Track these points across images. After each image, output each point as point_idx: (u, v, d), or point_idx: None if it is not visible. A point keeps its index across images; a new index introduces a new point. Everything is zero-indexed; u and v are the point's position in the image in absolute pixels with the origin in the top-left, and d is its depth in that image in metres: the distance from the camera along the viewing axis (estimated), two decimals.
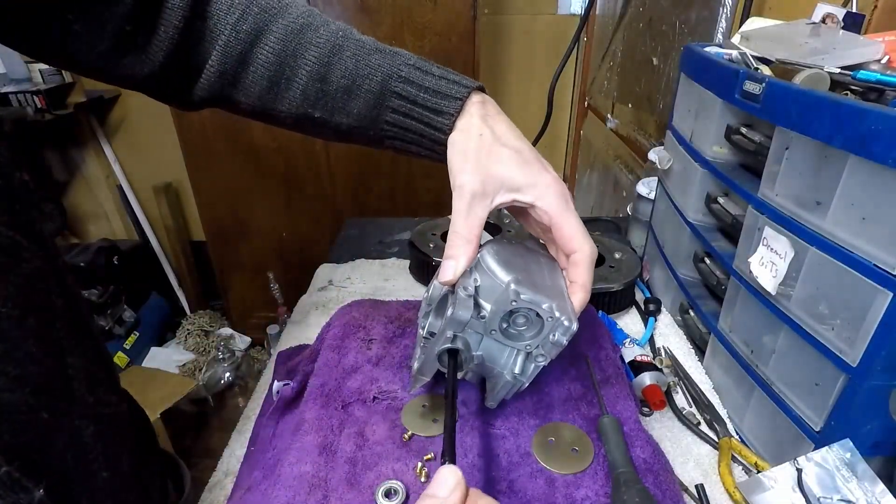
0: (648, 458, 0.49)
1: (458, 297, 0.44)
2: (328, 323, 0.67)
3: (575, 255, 0.47)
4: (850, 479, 0.46)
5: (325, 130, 0.51)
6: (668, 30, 1.32)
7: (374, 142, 0.51)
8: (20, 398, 0.27)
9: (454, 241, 0.44)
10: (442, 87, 0.47)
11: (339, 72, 0.47)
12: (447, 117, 0.47)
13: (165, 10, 0.43)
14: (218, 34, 0.46)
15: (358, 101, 0.48)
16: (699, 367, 0.69)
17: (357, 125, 0.49)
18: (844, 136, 0.42)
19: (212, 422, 2.07)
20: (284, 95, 0.48)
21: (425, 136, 0.48)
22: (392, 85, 0.47)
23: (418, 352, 0.51)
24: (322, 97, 0.48)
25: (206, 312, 2.52)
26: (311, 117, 0.49)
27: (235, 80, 0.48)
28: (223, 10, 0.46)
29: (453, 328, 0.45)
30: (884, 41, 0.55)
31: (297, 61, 0.47)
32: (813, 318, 0.47)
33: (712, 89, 0.63)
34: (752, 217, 0.55)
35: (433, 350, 0.46)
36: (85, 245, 2.21)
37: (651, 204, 0.88)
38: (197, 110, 0.52)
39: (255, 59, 0.47)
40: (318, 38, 0.47)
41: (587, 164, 2.12)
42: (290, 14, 0.48)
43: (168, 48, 0.44)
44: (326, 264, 0.97)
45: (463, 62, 1.77)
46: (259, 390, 0.67)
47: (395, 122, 0.48)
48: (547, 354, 0.46)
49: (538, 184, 0.45)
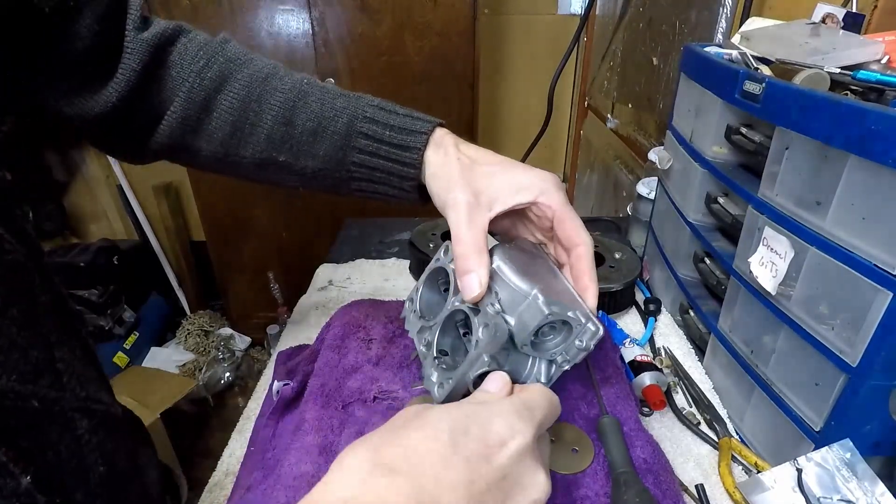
0: (648, 458, 0.49)
1: (488, 314, 0.42)
2: (328, 323, 0.67)
3: (579, 248, 0.46)
4: (850, 479, 0.46)
5: (289, 175, 0.50)
6: (668, 30, 1.32)
7: (340, 184, 0.51)
8: (6, 384, 0.27)
9: (465, 252, 0.43)
10: (406, 124, 0.48)
11: (304, 115, 0.48)
12: (414, 152, 0.47)
13: (125, 53, 0.44)
14: (182, 81, 0.46)
15: (324, 143, 0.48)
16: (699, 367, 0.69)
17: (323, 167, 0.49)
18: (844, 136, 0.42)
19: (212, 422, 2.07)
20: (248, 140, 0.48)
21: (393, 174, 0.48)
22: (358, 125, 0.48)
23: (434, 373, 0.46)
24: (288, 140, 0.48)
25: (206, 312, 2.51)
26: (275, 161, 0.49)
27: (198, 126, 0.48)
28: (188, 58, 0.47)
29: (491, 350, 0.42)
30: (884, 41, 0.55)
31: (262, 106, 0.47)
32: (813, 318, 0.47)
33: (712, 89, 0.63)
34: (752, 217, 0.55)
35: (467, 375, 0.43)
36: (85, 245, 2.21)
37: (651, 204, 0.88)
38: (150, 161, 0.52)
39: (219, 105, 0.47)
40: (282, 84, 0.48)
41: (587, 164, 2.12)
42: (256, 65, 0.49)
43: (123, 91, 0.44)
44: (326, 264, 0.97)
45: (463, 62, 1.77)
46: (259, 390, 0.67)
47: (362, 161, 0.48)
48: (572, 360, 0.45)
49: (534, 182, 0.46)
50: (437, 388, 0.45)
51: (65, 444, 0.32)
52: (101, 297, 2.09)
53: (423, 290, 0.50)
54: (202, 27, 0.49)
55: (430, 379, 0.46)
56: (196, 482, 0.55)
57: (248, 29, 1.72)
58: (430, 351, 0.47)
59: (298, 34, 1.74)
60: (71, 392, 0.34)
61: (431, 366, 0.47)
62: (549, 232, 0.49)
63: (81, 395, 0.35)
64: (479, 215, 0.44)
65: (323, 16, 1.70)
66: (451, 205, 0.44)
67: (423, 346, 0.48)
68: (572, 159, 2.33)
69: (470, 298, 0.43)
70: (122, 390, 1.84)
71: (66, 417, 0.33)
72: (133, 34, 0.44)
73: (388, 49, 1.75)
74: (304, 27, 1.72)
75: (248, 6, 1.69)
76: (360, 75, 1.79)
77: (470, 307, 0.44)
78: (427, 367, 0.47)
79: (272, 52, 1.76)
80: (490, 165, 0.46)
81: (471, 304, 0.44)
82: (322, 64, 1.77)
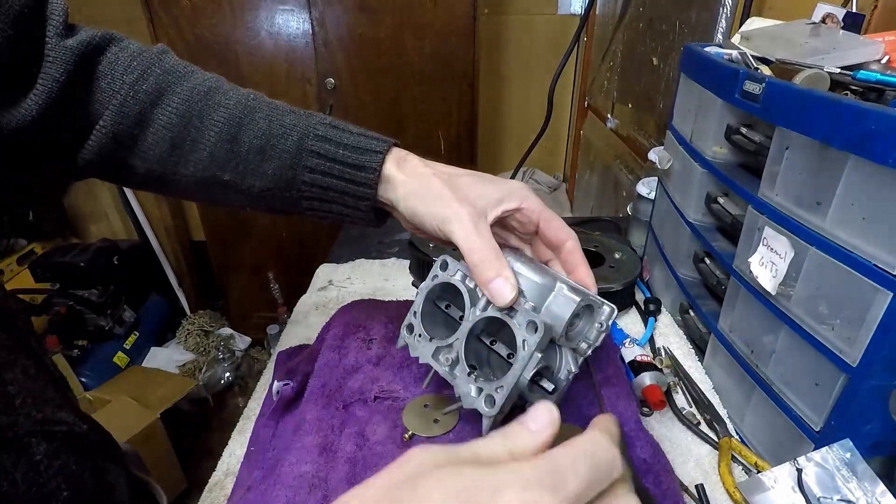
0: (648, 458, 0.49)
1: (528, 312, 0.42)
2: (328, 323, 0.67)
3: (568, 243, 0.47)
4: (850, 479, 0.46)
5: (234, 195, 0.48)
6: (668, 30, 1.32)
7: (290, 204, 0.48)
8: None
9: (484, 258, 0.42)
10: (361, 143, 0.46)
11: (251, 132, 0.45)
12: (370, 171, 0.45)
13: (46, 61, 0.40)
14: (112, 94, 0.43)
15: (272, 162, 0.46)
16: (699, 367, 0.69)
17: (272, 187, 0.47)
18: (844, 136, 0.42)
19: (212, 422, 2.07)
20: (189, 158, 0.45)
21: (347, 193, 0.46)
22: (308, 144, 0.45)
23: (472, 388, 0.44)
24: (233, 158, 0.45)
25: (206, 312, 2.52)
26: (219, 180, 0.46)
27: (132, 142, 0.45)
28: (119, 69, 0.43)
29: (542, 346, 0.42)
30: (884, 41, 0.55)
31: (205, 122, 0.45)
32: (813, 318, 0.47)
33: (712, 89, 0.63)
34: (752, 217, 0.55)
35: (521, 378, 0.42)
36: (85, 245, 2.20)
37: (651, 204, 0.88)
38: (80, 178, 0.49)
39: (156, 121, 0.44)
40: (226, 99, 0.46)
41: (587, 164, 2.12)
42: (197, 78, 0.46)
43: (44, 102, 0.40)
44: (326, 264, 0.97)
45: (463, 62, 1.77)
46: (259, 390, 0.67)
47: (313, 181, 0.46)
48: (593, 342, 0.47)
49: (514, 190, 0.46)
50: (486, 401, 0.43)
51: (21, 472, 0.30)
52: (101, 297, 2.09)
53: (421, 314, 0.50)
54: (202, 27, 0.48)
55: (470, 395, 0.44)
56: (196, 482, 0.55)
57: (248, 29, 1.72)
58: (456, 368, 0.46)
59: (298, 34, 1.74)
60: (25, 415, 0.32)
61: (467, 382, 0.45)
62: (531, 236, 0.50)
63: (38, 417, 0.33)
64: (483, 222, 0.43)
65: (323, 16, 1.70)
66: (453, 218, 0.42)
67: (445, 367, 0.47)
68: (572, 159, 2.33)
69: (505, 303, 0.42)
70: (122, 390, 1.84)
71: (20, 443, 0.31)
72: (55, 41, 0.41)
73: (388, 49, 1.75)
74: (304, 27, 1.72)
75: (248, 6, 1.69)
76: (360, 75, 1.79)
77: (505, 312, 0.43)
78: (462, 384, 0.45)
79: (272, 52, 1.76)
80: (466, 177, 0.46)
81: (504, 310, 0.43)
82: (322, 64, 1.77)
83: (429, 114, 1.85)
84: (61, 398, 0.38)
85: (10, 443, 0.31)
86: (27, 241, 2.26)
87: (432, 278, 0.49)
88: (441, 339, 0.47)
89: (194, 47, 1.73)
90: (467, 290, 0.46)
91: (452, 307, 0.50)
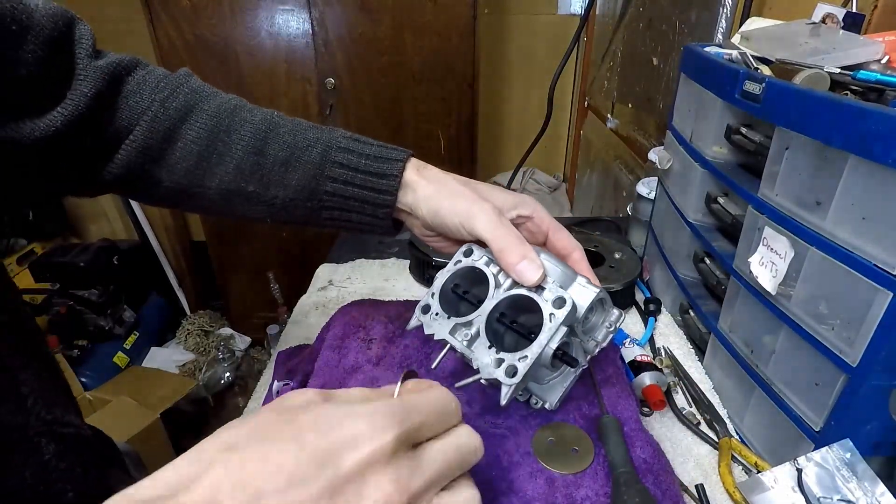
0: (648, 458, 0.49)
1: (556, 289, 0.44)
2: (328, 323, 0.67)
3: (574, 253, 0.49)
4: (850, 479, 0.46)
5: (256, 206, 0.49)
6: (668, 30, 1.32)
7: (311, 214, 0.50)
8: None
9: (509, 244, 0.44)
10: (382, 153, 0.48)
11: (276, 145, 0.47)
12: (392, 179, 0.47)
13: (77, 79, 0.42)
14: (143, 109, 0.45)
15: (297, 173, 0.48)
16: (699, 367, 0.69)
17: (294, 197, 0.48)
18: (844, 136, 0.42)
19: (212, 422, 2.07)
20: (216, 171, 0.47)
21: (367, 202, 0.48)
22: (332, 155, 0.48)
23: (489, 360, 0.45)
24: (258, 170, 0.47)
25: (206, 312, 2.52)
26: (244, 192, 0.48)
27: (160, 156, 0.47)
28: (149, 86, 0.46)
29: (569, 321, 0.44)
30: (884, 41, 0.55)
31: (232, 136, 0.47)
32: (813, 318, 0.47)
33: (712, 89, 0.63)
34: (752, 217, 0.55)
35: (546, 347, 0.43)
36: (85, 245, 2.20)
37: (651, 204, 0.88)
38: (99, 194, 0.50)
39: (185, 136, 0.46)
40: (251, 116, 0.48)
41: (587, 164, 2.12)
42: (222, 97, 0.49)
43: (69, 115, 0.42)
44: (326, 264, 0.97)
45: (463, 62, 1.77)
46: (259, 390, 0.67)
47: (335, 190, 0.48)
48: (602, 342, 0.49)
49: (525, 200, 0.49)
50: (506, 371, 0.43)
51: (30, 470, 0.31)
52: (101, 297, 2.08)
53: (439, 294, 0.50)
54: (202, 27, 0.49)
55: (490, 367, 0.44)
56: None
57: (248, 29, 1.72)
58: (475, 342, 0.46)
59: (298, 34, 1.74)
60: (36, 416, 0.33)
61: (487, 354, 0.45)
62: (540, 245, 0.51)
63: (48, 418, 0.34)
64: (504, 217, 0.46)
65: (323, 16, 1.70)
66: (477, 212, 0.45)
67: (464, 340, 0.47)
68: (572, 159, 2.34)
69: (533, 282, 0.44)
70: (122, 390, 1.84)
71: (31, 442, 0.32)
72: (86, 61, 0.43)
73: (388, 49, 1.75)
74: (304, 27, 1.72)
75: (248, 6, 1.69)
76: (360, 75, 1.79)
77: (533, 290, 0.45)
78: (481, 355, 0.45)
79: (272, 52, 1.76)
80: (482, 185, 0.49)
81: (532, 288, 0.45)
82: (322, 64, 1.77)
83: (429, 114, 1.85)
84: (69, 402, 0.38)
85: (22, 442, 0.31)
86: (27, 241, 2.26)
87: (455, 263, 0.50)
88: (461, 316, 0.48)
89: (194, 47, 1.73)
90: (492, 274, 0.47)
91: (470, 293, 0.51)
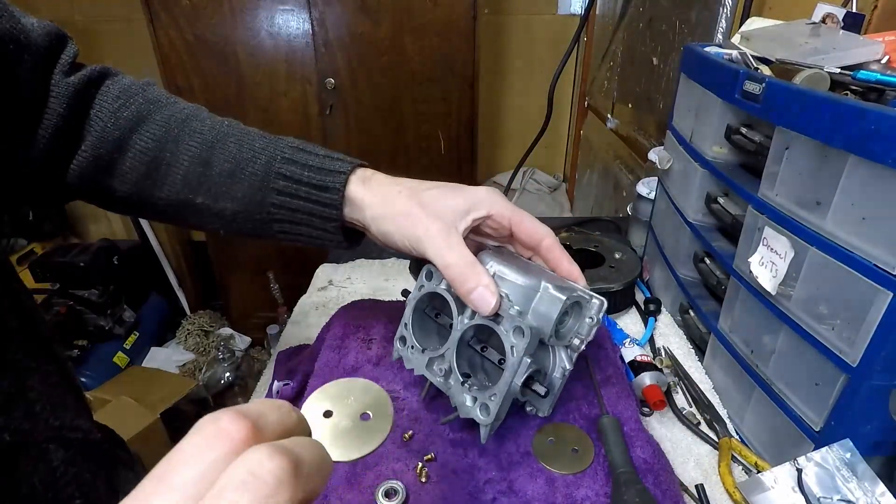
0: (648, 458, 0.49)
1: (513, 318, 0.42)
2: (328, 323, 0.67)
3: (544, 241, 0.47)
4: (850, 479, 0.46)
5: (208, 217, 0.49)
6: (668, 30, 1.32)
7: (261, 227, 0.49)
8: None
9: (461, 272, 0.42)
10: (325, 164, 0.46)
11: (222, 156, 0.46)
12: (334, 192, 0.46)
13: (51, 98, 0.43)
14: (96, 121, 0.45)
15: (242, 185, 0.47)
16: (699, 367, 0.69)
17: (242, 209, 0.47)
18: (844, 136, 0.42)
19: None
20: (164, 182, 0.47)
21: (315, 215, 0.47)
22: (276, 166, 0.46)
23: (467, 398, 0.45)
24: (205, 182, 0.47)
25: (206, 312, 2.52)
26: (192, 204, 0.47)
27: (110, 166, 0.46)
28: (110, 96, 0.46)
29: (531, 350, 0.42)
30: (884, 41, 0.55)
31: (179, 147, 0.46)
32: (813, 318, 0.47)
33: (712, 89, 0.63)
34: (752, 217, 0.55)
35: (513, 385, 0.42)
36: (85, 245, 2.21)
37: (651, 204, 0.88)
38: (66, 202, 0.51)
39: (134, 146, 0.46)
40: (202, 126, 0.47)
41: (587, 164, 2.12)
42: (177, 107, 0.48)
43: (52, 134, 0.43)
44: (326, 264, 0.97)
45: (463, 62, 1.77)
46: (259, 390, 0.67)
47: (281, 203, 0.47)
48: (586, 337, 0.47)
49: (480, 199, 0.46)
50: (481, 410, 0.44)
51: (39, 477, 0.31)
52: (101, 297, 2.09)
53: (412, 324, 0.50)
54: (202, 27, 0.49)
55: (466, 405, 0.45)
56: None
57: (248, 29, 1.72)
58: (450, 378, 0.46)
59: (298, 34, 1.74)
60: (44, 422, 0.33)
61: (462, 392, 0.46)
62: (507, 239, 0.50)
63: (55, 423, 0.33)
64: (454, 235, 0.44)
65: (323, 16, 1.70)
66: (423, 237, 0.43)
67: (439, 377, 0.47)
68: (572, 159, 2.33)
69: (489, 311, 0.42)
70: (122, 390, 1.84)
71: (39, 449, 0.32)
72: (59, 77, 0.43)
73: (388, 49, 1.75)
74: (304, 27, 1.72)
75: (248, 6, 1.69)
76: (360, 75, 1.79)
77: (490, 319, 0.44)
78: (456, 394, 0.46)
79: (272, 52, 1.76)
80: (433, 190, 0.46)
81: (490, 316, 0.44)
82: (322, 64, 1.77)
83: (429, 114, 1.85)
84: (79, 405, 0.38)
85: (30, 448, 0.31)
86: (27, 241, 2.26)
87: (419, 288, 0.49)
88: (433, 349, 0.47)
89: (194, 47, 1.73)
90: (453, 299, 0.46)
91: (442, 315, 0.50)
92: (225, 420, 0.19)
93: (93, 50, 2.24)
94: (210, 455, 0.18)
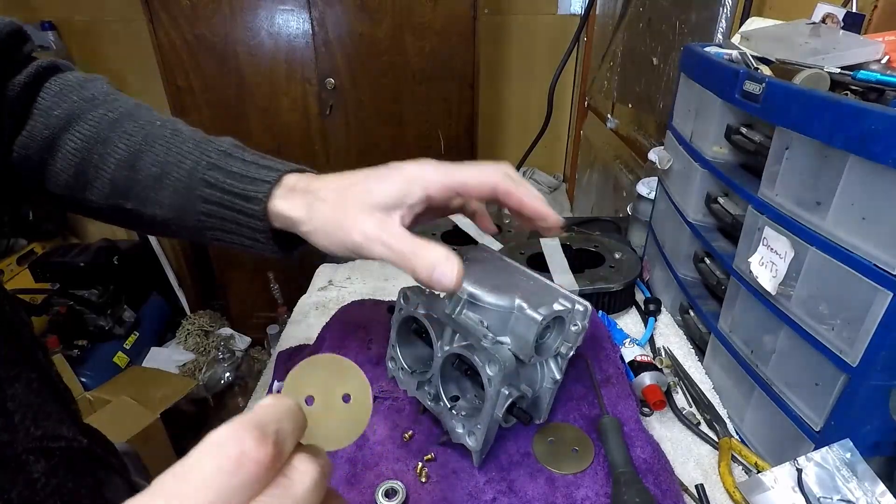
0: (648, 458, 0.49)
1: (486, 350, 0.42)
2: (328, 323, 0.67)
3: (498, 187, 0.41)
4: (850, 479, 0.46)
5: (142, 222, 0.46)
6: (668, 30, 1.32)
7: (195, 233, 0.46)
8: None
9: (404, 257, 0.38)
10: (251, 171, 0.43)
11: (149, 160, 0.44)
12: (257, 202, 0.42)
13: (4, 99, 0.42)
14: (32, 118, 0.44)
15: (167, 191, 0.44)
16: (699, 367, 0.69)
17: (172, 216, 0.45)
18: (844, 136, 0.42)
19: (212, 422, 2.07)
20: (93, 185, 0.44)
21: (242, 225, 0.44)
22: (200, 173, 0.43)
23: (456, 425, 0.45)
24: (132, 186, 0.44)
25: (206, 312, 2.51)
26: (123, 209, 0.45)
27: (42, 167, 0.44)
28: (47, 95, 0.44)
29: (506, 381, 0.41)
30: (884, 41, 0.55)
31: (107, 149, 0.44)
32: (813, 318, 0.47)
33: (712, 89, 0.63)
34: (752, 217, 0.55)
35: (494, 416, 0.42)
36: (85, 245, 2.20)
37: (651, 204, 0.88)
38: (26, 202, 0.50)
39: (64, 146, 0.44)
40: (133, 126, 0.44)
41: (587, 164, 2.12)
42: (114, 104, 0.45)
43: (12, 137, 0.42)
44: (326, 264, 0.97)
45: (463, 62, 1.77)
46: (259, 390, 0.67)
47: (209, 212, 0.44)
48: (574, 344, 0.47)
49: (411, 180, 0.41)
50: (469, 437, 0.45)
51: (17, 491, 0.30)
52: (101, 297, 2.08)
53: (398, 345, 0.50)
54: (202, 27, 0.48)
55: (457, 431, 0.45)
56: None
57: (248, 29, 1.72)
58: (440, 403, 0.46)
59: (298, 34, 1.74)
60: (24, 432, 0.32)
61: (451, 418, 0.45)
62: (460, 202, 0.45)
63: (36, 433, 0.33)
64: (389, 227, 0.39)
65: (323, 16, 1.70)
66: (361, 242, 0.39)
67: (429, 401, 0.47)
68: (572, 159, 2.33)
69: (453, 286, 0.37)
70: (122, 390, 1.84)
71: (18, 461, 0.31)
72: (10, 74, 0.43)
73: (388, 49, 1.75)
74: (304, 27, 1.72)
75: (248, 6, 1.69)
76: (360, 75, 1.79)
77: (465, 348, 0.42)
78: (447, 419, 0.46)
79: (272, 52, 1.76)
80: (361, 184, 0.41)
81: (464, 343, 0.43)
82: (322, 64, 1.77)
83: (429, 114, 1.85)
84: (63, 412, 0.37)
85: (8, 461, 0.30)
86: (27, 241, 2.26)
87: (399, 311, 0.49)
88: (422, 371, 0.47)
89: (194, 47, 1.73)
90: (430, 325, 0.45)
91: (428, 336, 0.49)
92: (249, 443, 0.19)
93: (93, 50, 2.24)
94: (233, 481, 0.18)
